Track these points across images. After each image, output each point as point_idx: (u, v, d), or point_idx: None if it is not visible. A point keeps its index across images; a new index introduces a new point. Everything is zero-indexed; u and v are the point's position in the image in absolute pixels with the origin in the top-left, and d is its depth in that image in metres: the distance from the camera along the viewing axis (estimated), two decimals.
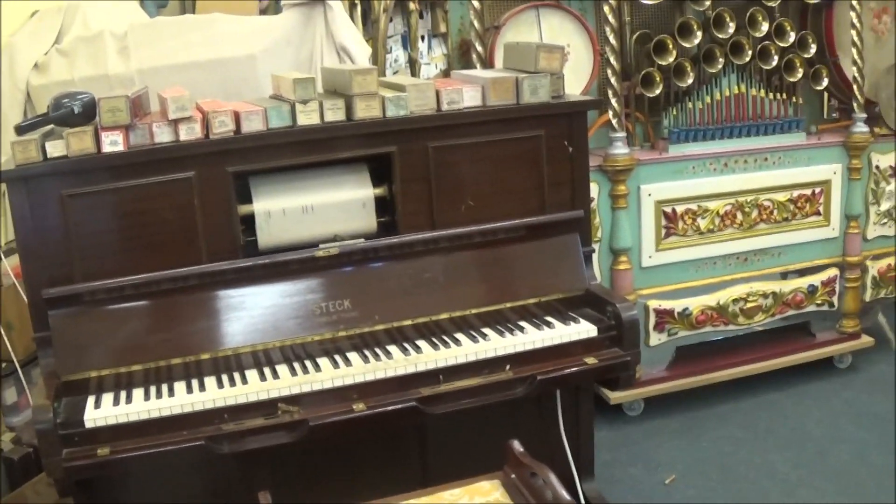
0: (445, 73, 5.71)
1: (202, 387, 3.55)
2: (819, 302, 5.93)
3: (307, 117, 3.75)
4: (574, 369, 3.77)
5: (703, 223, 5.57)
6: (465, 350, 3.72)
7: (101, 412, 3.41)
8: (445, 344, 3.76)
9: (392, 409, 3.55)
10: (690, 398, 5.71)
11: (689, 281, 5.64)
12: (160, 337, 3.63)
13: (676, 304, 5.55)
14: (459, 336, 3.82)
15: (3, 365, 5.00)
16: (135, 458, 3.34)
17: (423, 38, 5.96)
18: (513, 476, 3.29)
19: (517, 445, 3.30)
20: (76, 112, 3.64)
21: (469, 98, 3.95)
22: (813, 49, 5.81)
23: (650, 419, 5.64)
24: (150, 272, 3.63)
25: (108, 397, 3.52)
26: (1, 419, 4.90)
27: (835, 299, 5.98)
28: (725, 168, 5.56)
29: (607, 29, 5.22)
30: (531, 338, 3.80)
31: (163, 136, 3.65)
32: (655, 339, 5.53)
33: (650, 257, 5.52)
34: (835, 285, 5.96)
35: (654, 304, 5.48)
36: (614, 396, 5.53)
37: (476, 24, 5.11)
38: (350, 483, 3.86)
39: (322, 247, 3.79)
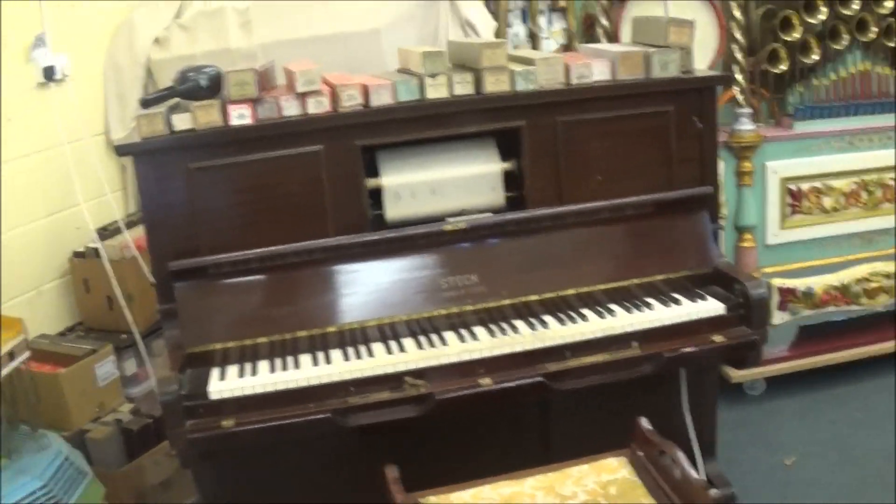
0: (565, 48, 5.66)
1: (328, 360, 3.55)
2: None
3: (436, 91, 3.74)
4: (702, 348, 3.70)
5: (827, 202, 5.48)
6: (592, 326, 3.68)
7: (226, 384, 3.43)
8: (572, 319, 3.72)
9: (519, 384, 3.52)
10: (811, 379, 5.63)
11: (812, 260, 5.55)
12: (285, 310, 3.64)
13: (800, 283, 5.47)
14: (586, 312, 3.77)
15: (124, 336, 5.05)
16: (259, 430, 3.35)
17: (542, 12, 5.91)
18: (640, 454, 3.27)
19: (645, 423, 3.27)
20: (203, 85, 3.67)
21: (598, 72, 3.91)
22: None
23: (771, 399, 5.58)
24: (275, 245, 3.65)
25: (233, 370, 3.54)
26: (121, 390, 4.95)
27: None
28: (850, 146, 5.46)
29: (733, 4, 5.15)
30: (659, 315, 3.75)
31: (290, 109, 3.67)
32: (778, 318, 5.46)
33: (775, 235, 5.45)
34: None
35: (777, 282, 5.41)
36: (735, 375, 5.47)
37: None
38: (474, 457, 3.82)
39: (450, 221, 3.79)
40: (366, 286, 3.70)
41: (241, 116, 3.61)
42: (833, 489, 4.70)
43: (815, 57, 5.36)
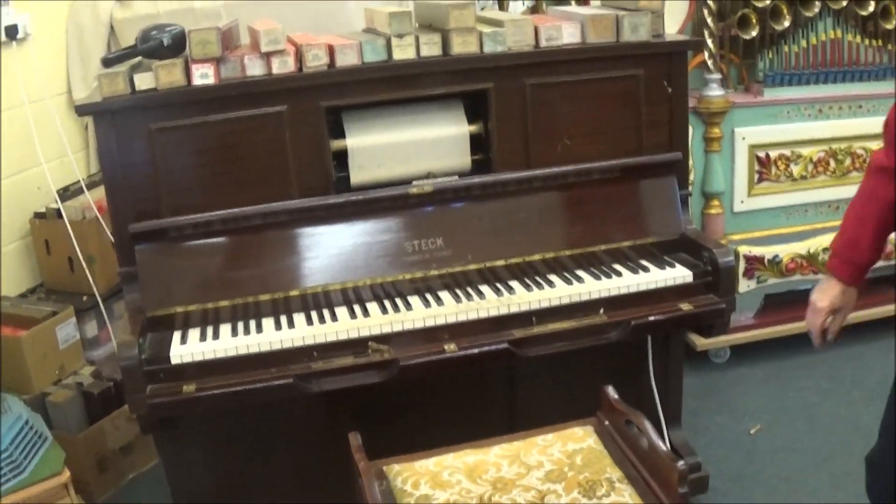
0: (533, 10, 5.61)
1: (291, 324, 3.51)
2: None
3: (402, 52, 3.68)
4: (669, 315, 3.69)
5: (795, 169, 5.47)
6: (558, 292, 3.65)
7: (187, 348, 3.39)
8: (539, 285, 3.69)
9: (484, 350, 3.49)
10: (777, 347, 5.62)
11: (779, 228, 5.55)
12: (248, 273, 3.59)
13: (767, 251, 5.45)
14: (553, 278, 3.75)
15: (85, 298, 5.01)
16: (221, 395, 3.32)
17: None
18: (606, 423, 3.25)
19: (611, 391, 3.25)
20: (165, 44, 3.61)
21: (568, 35, 3.86)
22: None
23: (736, 367, 5.57)
24: (238, 207, 3.59)
25: (194, 333, 3.50)
26: (82, 353, 4.90)
27: None
28: (820, 114, 5.44)
29: None
30: (626, 282, 3.72)
31: (254, 69, 3.61)
32: (744, 285, 5.45)
33: (742, 202, 5.43)
34: None
35: (744, 249, 5.39)
36: (701, 343, 5.46)
37: None
38: (438, 425, 3.79)
39: (416, 183, 3.74)
40: (330, 249, 3.65)
41: (203, 76, 3.55)
42: (798, 457, 4.70)
43: (786, 23, 5.33)
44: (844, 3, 5.41)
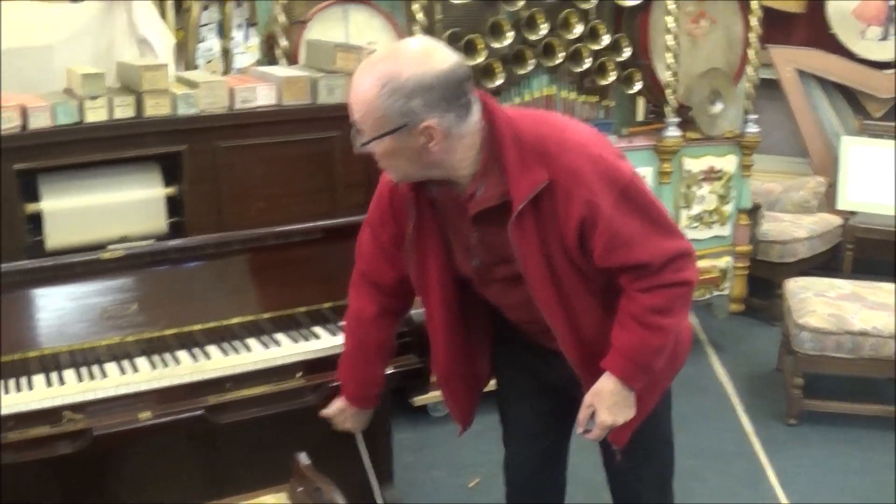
0: (258, 63, 5.60)
1: None
2: None
3: (95, 114, 3.63)
4: None
5: None
6: (254, 357, 3.64)
7: None
8: (236, 350, 3.68)
9: (179, 417, 3.45)
10: (493, 400, 5.67)
11: None
12: None
13: None
14: (251, 342, 3.73)
15: None
16: None
17: (239, 26, 5.84)
18: (300, 489, 3.24)
19: (303, 458, 3.25)
20: None
21: (263, 97, 3.87)
22: (627, 52, 5.82)
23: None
24: None
25: None
26: None
27: None
28: None
29: (416, 27, 5.14)
30: (324, 344, 3.74)
31: None
32: None
33: None
34: None
35: None
36: (419, 398, 5.47)
37: (281, 17, 5.02)
38: (137, 493, 3.74)
39: (109, 248, 3.67)
40: (26, 315, 3.56)
41: None
42: None
43: (500, 81, 5.41)
44: (559, 61, 5.53)
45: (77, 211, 3.71)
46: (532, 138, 2.82)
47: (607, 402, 2.99)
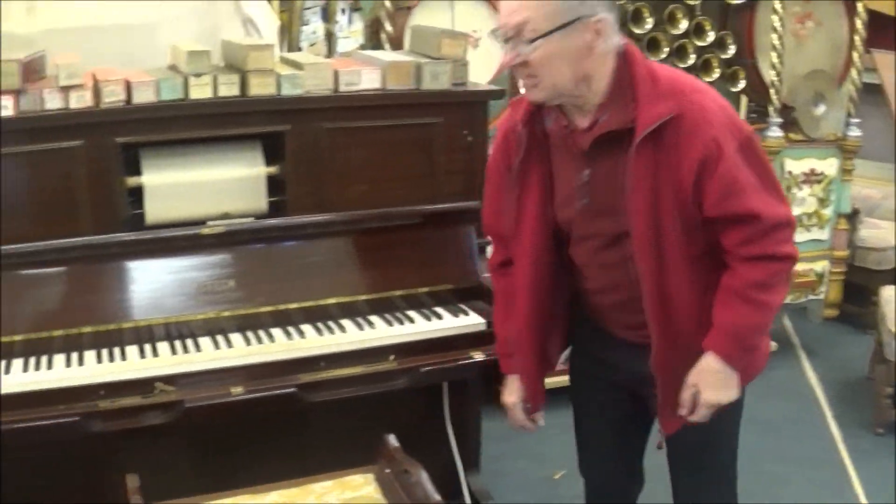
0: (361, 47, 5.61)
1: (81, 361, 3.44)
2: None
3: (200, 91, 3.66)
4: (459, 363, 3.72)
5: None
6: (349, 338, 3.66)
7: None
8: (330, 330, 3.69)
9: (271, 394, 3.47)
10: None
11: None
12: (40, 308, 3.52)
13: None
14: (345, 323, 3.75)
15: None
16: (8, 431, 3.20)
17: (343, 11, 5.85)
18: (387, 471, 3.23)
19: (392, 440, 3.24)
20: None
21: (367, 80, 3.88)
22: (732, 50, 5.82)
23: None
24: (29, 242, 3.51)
25: None
26: None
27: None
28: None
29: None
30: (418, 328, 3.75)
31: (53, 102, 3.54)
32: None
33: None
34: None
35: None
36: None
37: (387, 2, 5.04)
38: (224, 468, 3.76)
39: (209, 224, 3.71)
40: (123, 287, 3.61)
41: (3, 108, 3.47)
42: None
43: None
44: (664, 56, 5.51)
45: (177, 186, 3.75)
46: (665, 77, 2.85)
47: (711, 381, 2.96)
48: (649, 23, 5.47)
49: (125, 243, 3.63)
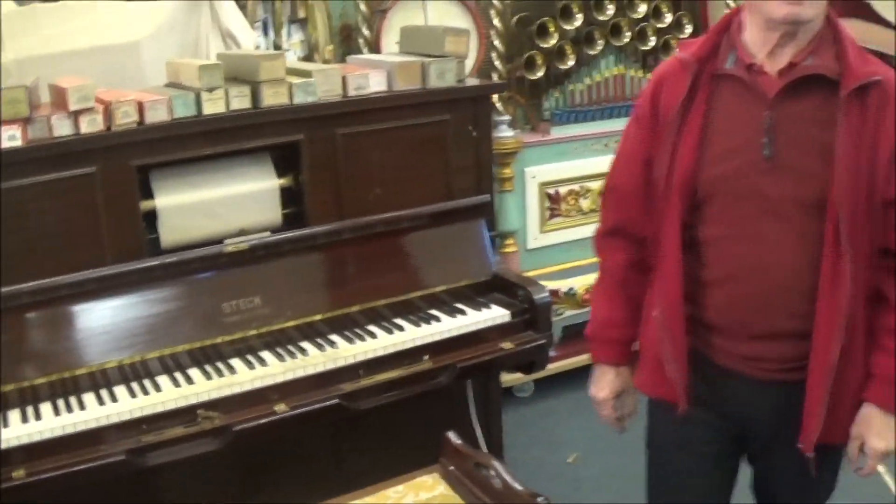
0: (305, 59, 5.58)
1: (113, 397, 3.36)
2: None
3: (213, 105, 3.61)
4: (492, 355, 3.76)
5: (585, 203, 5.61)
6: (381, 342, 3.66)
7: (10, 432, 3.17)
8: (360, 337, 3.69)
9: (315, 407, 3.45)
10: (579, 377, 5.66)
11: (573, 261, 5.66)
12: (62, 346, 3.42)
13: (562, 284, 5.56)
14: (373, 328, 3.75)
15: None
16: (53, 478, 3.12)
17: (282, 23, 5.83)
18: (451, 468, 3.21)
19: (454, 437, 3.22)
20: None
21: (375, 83, 3.88)
22: (689, 30, 5.88)
23: (542, 400, 5.64)
24: (49, 277, 3.41)
25: (14, 415, 3.28)
26: None
27: None
28: (606, 148, 5.55)
29: (492, 12, 5.19)
30: (446, 326, 3.77)
31: (63, 128, 3.43)
32: None
33: (535, 239, 5.56)
34: None
35: None
36: (505, 379, 5.46)
37: (363, 7, 5.03)
38: (267, 486, 3.77)
39: (228, 242, 3.67)
40: (145, 315, 3.53)
41: (11, 138, 3.35)
42: (622, 479, 4.75)
43: (571, 62, 5.46)
44: (627, 40, 5.57)
45: (191, 206, 3.70)
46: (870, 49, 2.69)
47: (877, 429, 2.75)
48: (611, 9, 5.56)
49: (145, 270, 3.55)
